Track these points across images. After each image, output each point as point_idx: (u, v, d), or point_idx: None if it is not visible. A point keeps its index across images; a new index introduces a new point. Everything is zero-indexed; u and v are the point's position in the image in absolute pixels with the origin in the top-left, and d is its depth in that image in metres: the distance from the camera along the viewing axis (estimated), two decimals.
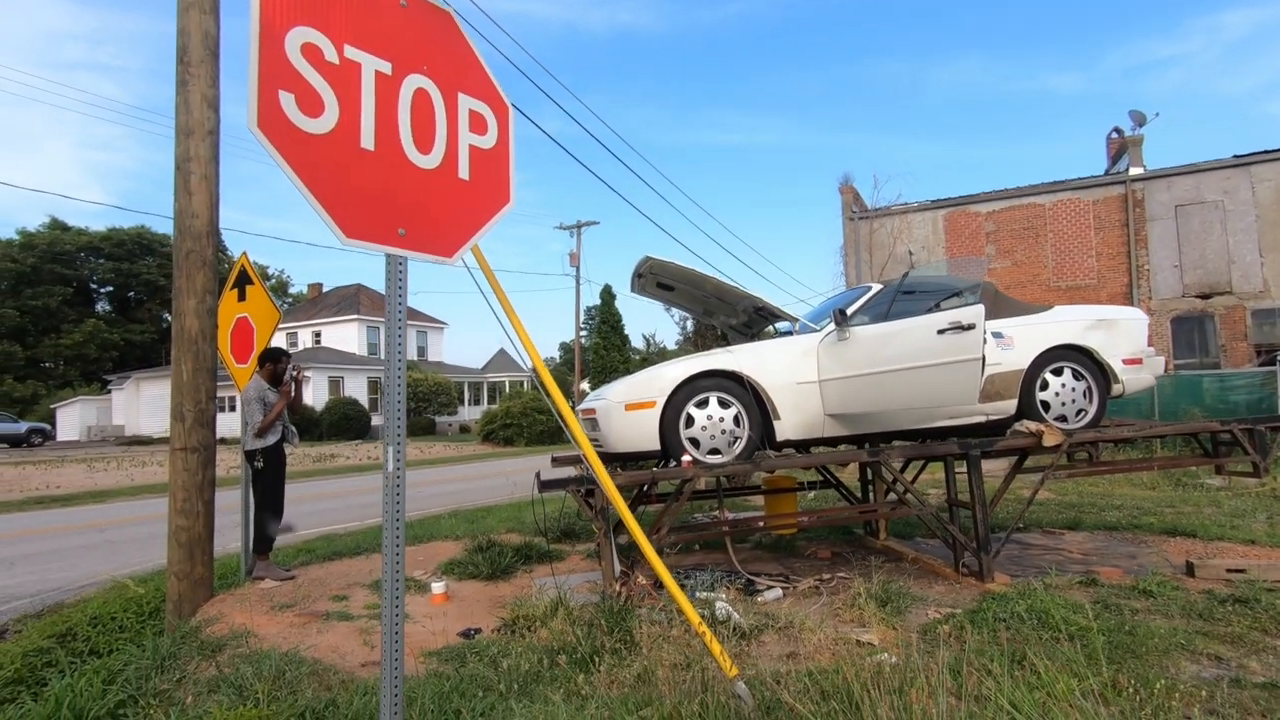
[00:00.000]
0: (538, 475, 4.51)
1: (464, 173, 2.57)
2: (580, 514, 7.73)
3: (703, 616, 4.09)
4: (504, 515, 8.72)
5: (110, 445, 32.53)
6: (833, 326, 4.73)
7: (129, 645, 4.77)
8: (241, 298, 6.04)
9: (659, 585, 4.89)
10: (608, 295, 8.51)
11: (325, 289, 49.57)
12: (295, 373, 5.48)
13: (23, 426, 32.74)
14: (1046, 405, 4.97)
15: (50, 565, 7.62)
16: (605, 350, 7.98)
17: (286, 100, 2.04)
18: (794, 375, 4.74)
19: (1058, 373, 5.00)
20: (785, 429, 4.74)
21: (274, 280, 70.46)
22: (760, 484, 6.66)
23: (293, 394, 5.43)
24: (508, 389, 49.28)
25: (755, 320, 5.65)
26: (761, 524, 5.63)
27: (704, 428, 4.67)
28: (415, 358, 43.64)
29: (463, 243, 2.56)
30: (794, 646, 3.76)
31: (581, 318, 37.15)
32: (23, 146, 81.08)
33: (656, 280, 5.61)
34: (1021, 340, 4.94)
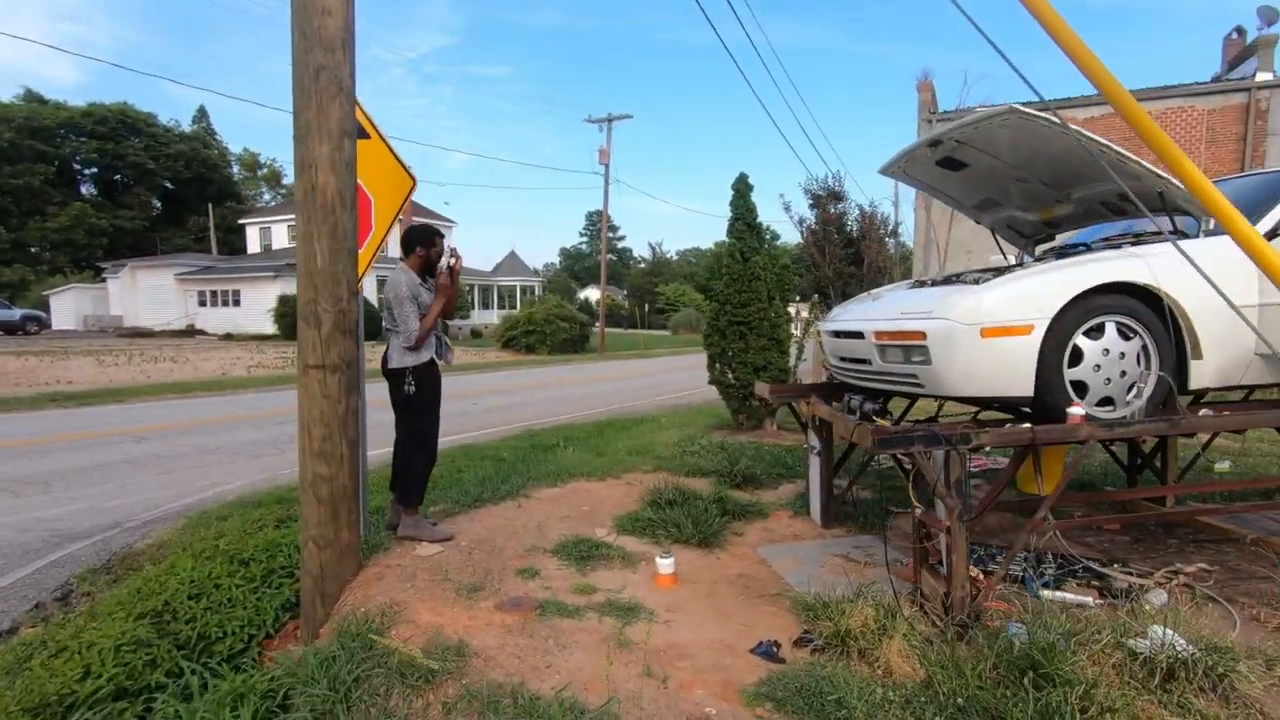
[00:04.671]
0: (872, 431, 3.08)
1: None
2: (747, 455, 6.39)
3: (1098, 641, 2.80)
4: (628, 443, 7.39)
5: (111, 336, 30.91)
6: None
7: (247, 635, 3.49)
8: None
9: (1012, 579, 3.58)
10: (743, 186, 6.94)
11: None
12: (453, 261, 3.90)
13: (17, 313, 30.95)
14: None
15: (97, 488, 6.28)
16: (743, 256, 6.53)
17: None
18: (1227, 295, 3.24)
19: None
20: (1204, 373, 3.29)
21: (265, 169, 66.78)
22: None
23: (453, 290, 3.88)
24: (519, 293, 47.49)
25: (1091, 214, 4.08)
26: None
27: (1097, 366, 3.21)
28: None
29: None
30: None
31: (603, 222, 34.98)
32: None
33: (950, 154, 4.01)
34: None
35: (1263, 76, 17.73)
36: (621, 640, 2.99)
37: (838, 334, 4.12)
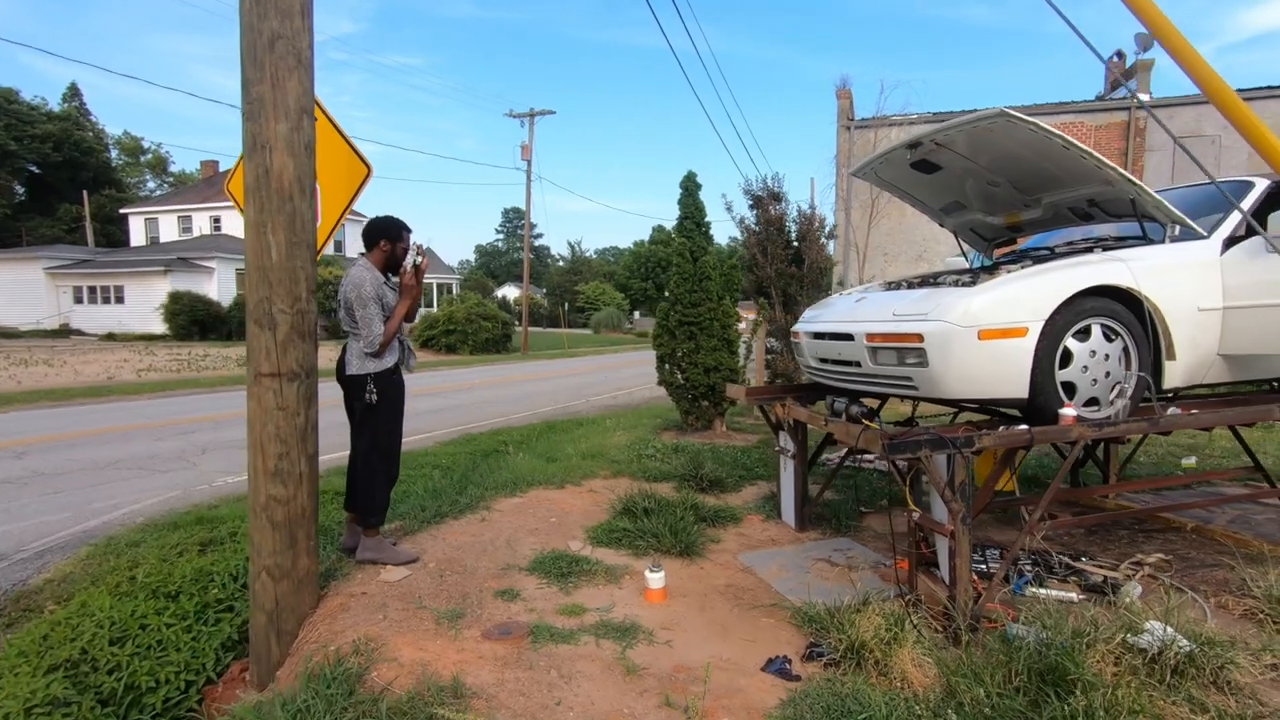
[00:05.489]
0: (881, 436, 3.02)
1: None
2: (707, 457, 6.29)
3: (1108, 641, 2.85)
4: (578, 447, 7.14)
5: None
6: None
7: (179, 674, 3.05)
8: None
9: (1009, 578, 3.61)
10: (691, 184, 6.74)
11: (222, 168, 43.23)
12: (420, 259, 3.56)
13: None
14: None
15: None
16: (693, 256, 6.38)
17: None
18: (1197, 298, 3.39)
19: None
20: (1175, 373, 3.43)
21: (150, 155, 61.52)
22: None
23: (418, 290, 3.54)
24: (436, 291, 45.85)
25: (1057, 218, 4.19)
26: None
27: (1084, 368, 3.28)
28: (333, 252, 39.33)
29: None
30: None
31: (526, 219, 34.31)
32: None
33: (927, 156, 4.04)
34: None
35: (1143, 97, 19.40)
36: (628, 666, 2.78)
37: (819, 335, 4.06)
